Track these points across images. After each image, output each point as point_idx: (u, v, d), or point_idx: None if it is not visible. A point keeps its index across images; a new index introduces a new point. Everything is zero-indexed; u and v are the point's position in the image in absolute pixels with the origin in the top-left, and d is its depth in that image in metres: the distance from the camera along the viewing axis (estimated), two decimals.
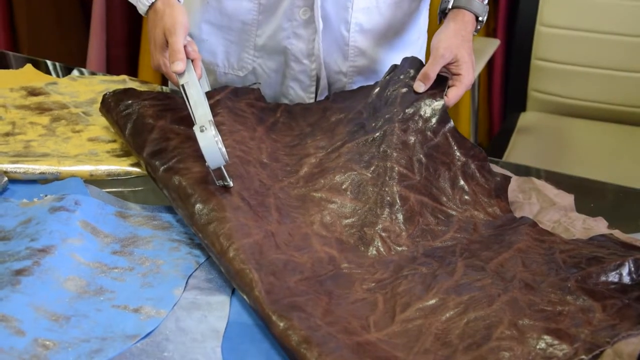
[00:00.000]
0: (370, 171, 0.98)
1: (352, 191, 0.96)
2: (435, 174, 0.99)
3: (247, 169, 0.96)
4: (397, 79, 1.07)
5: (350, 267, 0.86)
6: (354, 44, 1.18)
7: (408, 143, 1.00)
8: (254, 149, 1.01)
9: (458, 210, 0.97)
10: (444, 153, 1.01)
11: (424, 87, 1.04)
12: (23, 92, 1.23)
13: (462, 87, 1.05)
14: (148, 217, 0.95)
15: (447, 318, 0.78)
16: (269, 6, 1.15)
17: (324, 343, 0.71)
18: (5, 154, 1.03)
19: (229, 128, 1.02)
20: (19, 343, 0.70)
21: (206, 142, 0.88)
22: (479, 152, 1.02)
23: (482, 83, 2.43)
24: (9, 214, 0.92)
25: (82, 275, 0.82)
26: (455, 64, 1.05)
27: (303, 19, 1.14)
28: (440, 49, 1.04)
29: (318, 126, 1.08)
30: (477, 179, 1.00)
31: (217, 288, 0.82)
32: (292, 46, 1.17)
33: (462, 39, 1.06)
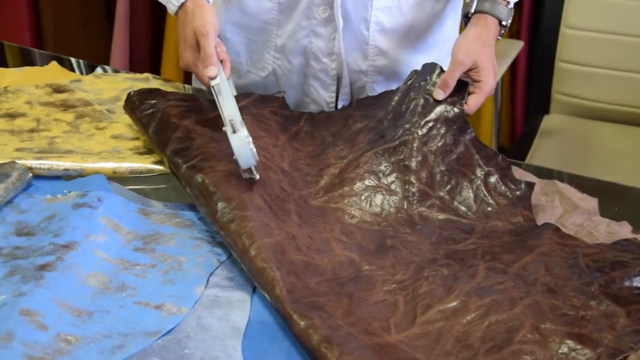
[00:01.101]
0: (390, 185, 0.98)
1: (371, 205, 0.96)
2: (457, 188, 0.99)
3: (269, 175, 0.96)
4: (417, 86, 1.06)
5: (371, 268, 0.86)
6: (374, 43, 1.17)
7: (428, 156, 0.99)
8: (276, 156, 1.01)
9: (482, 223, 0.96)
10: (465, 165, 1.00)
11: (443, 95, 1.03)
12: (48, 89, 1.24)
13: (482, 95, 1.04)
14: (170, 215, 0.95)
15: (468, 321, 0.77)
16: (288, 5, 1.15)
17: (344, 343, 0.71)
18: (30, 150, 1.04)
19: (253, 134, 1.01)
20: (42, 337, 0.70)
21: (239, 142, 0.89)
22: (501, 161, 1.01)
23: (505, 85, 2.42)
24: (33, 209, 0.92)
25: (104, 272, 0.82)
26: (475, 71, 1.04)
27: (322, 17, 1.14)
28: (460, 55, 1.03)
29: (340, 135, 1.08)
30: (499, 189, 0.99)
31: (238, 286, 0.83)
32: (312, 45, 1.17)
33: (482, 44, 1.04)
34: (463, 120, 1.02)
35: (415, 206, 0.96)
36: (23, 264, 0.81)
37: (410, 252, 0.89)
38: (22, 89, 1.22)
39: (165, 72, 2.40)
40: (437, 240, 0.92)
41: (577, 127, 2.05)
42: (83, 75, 1.33)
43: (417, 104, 1.04)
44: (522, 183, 0.99)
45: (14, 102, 1.18)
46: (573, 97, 2.06)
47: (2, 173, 0.93)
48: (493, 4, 1.06)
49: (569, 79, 2.04)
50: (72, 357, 0.69)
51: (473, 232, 0.93)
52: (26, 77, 1.29)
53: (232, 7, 1.20)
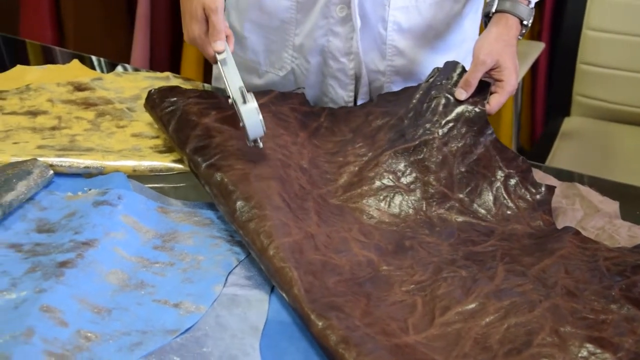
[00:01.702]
0: (409, 186, 0.98)
1: (389, 205, 0.96)
2: (476, 190, 0.98)
3: (288, 172, 0.96)
4: (439, 85, 1.06)
5: (389, 269, 0.86)
6: (392, 43, 1.17)
7: (448, 157, 0.99)
8: (295, 153, 1.01)
9: (501, 226, 0.95)
10: (485, 166, 1.00)
11: (465, 95, 1.03)
12: (69, 87, 1.25)
13: (504, 94, 1.04)
14: (189, 213, 0.95)
15: (487, 323, 0.77)
16: (306, 4, 1.15)
17: (362, 344, 0.71)
18: (51, 147, 1.05)
19: (272, 132, 1.02)
20: (62, 334, 0.70)
21: (249, 112, 0.92)
22: (521, 163, 1.00)
23: (525, 87, 2.40)
24: (54, 206, 0.93)
25: (124, 269, 0.83)
26: (497, 70, 1.04)
27: (340, 16, 1.14)
28: (481, 55, 1.03)
29: (359, 132, 1.08)
30: (519, 192, 0.99)
31: (256, 285, 0.83)
32: (330, 44, 1.17)
33: (504, 44, 1.04)
34: (484, 120, 1.02)
35: (434, 208, 0.96)
36: (44, 260, 0.81)
37: (428, 253, 0.89)
38: (44, 87, 1.23)
39: (185, 71, 2.41)
40: (456, 241, 0.91)
41: (598, 129, 2.03)
42: (104, 74, 1.34)
43: (438, 103, 1.03)
44: (542, 186, 0.99)
45: (36, 100, 1.19)
46: (594, 99, 2.05)
47: (23, 170, 0.94)
48: (514, 4, 1.05)
49: (590, 81, 2.03)
50: (91, 354, 0.70)
51: (492, 235, 0.93)
52: (48, 75, 1.30)
53: (250, 5, 1.20)
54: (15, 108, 1.17)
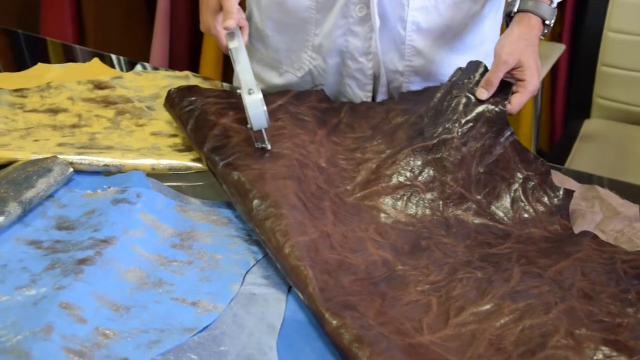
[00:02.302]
0: (427, 185, 0.97)
1: (406, 204, 0.96)
2: (494, 192, 0.98)
3: (305, 172, 0.97)
4: (460, 84, 1.06)
5: (404, 269, 0.86)
6: (411, 43, 1.17)
7: (466, 157, 0.99)
8: (313, 152, 1.02)
9: (518, 229, 0.95)
10: (503, 168, 0.99)
11: (486, 94, 1.03)
12: (90, 85, 1.26)
13: (526, 94, 1.04)
14: (207, 212, 0.96)
15: (501, 324, 0.77)
16: (325, 3, 1.15)
17: (375, 343, 0.71)
18: (71, 145, 1.06)
19: (289, 132, 1.02)
20: (81, 331, 0.71)
21: (253, 104, 0.94)
22: (540, 165, 1.00)
23: (545, 88, 2.39)
24: (74, 204, 0.94)
25: (142, 267, 0.83)
26: (519, 70, 1.03)
27: (359, 16, 1.14)
28: (503, 54, 1.02)
29: (379, 129, 1.08)
30: (538, 196, 0.98)
31: (273, 285, 0.83)
32: (349, 44, 1.17)
33: (526, 44, 1.04)
34: (504, 121, 1.01)
35: (451, 208, 0.96)
36: (63, 257, 0.82)
37: (444, 254, 0.89)
38: (64, 85, 1.24)
39: (203, 70, 2.42)
40: (472, 243, 0.91)
41: (619, 132, 2.02)
42: (124, 72, 1.35)
43: (458, 102, 1.03)
44: (560, 190, 0.98)
45: (57, 98, 1.20)
46: (615, 101, 2.03)
47: (44, 167, 0.95)
48: (536, 3, 1.05)
49: (611, 83, 2.02)
50: (109, 351, 0.70)
51: (509, 238, 0.93)
52: (69, 73, 1.32)
53: (272, 3, 1.20)
54: (36, 106, 1.18)
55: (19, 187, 0.90)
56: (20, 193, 0.89)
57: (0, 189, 0.89)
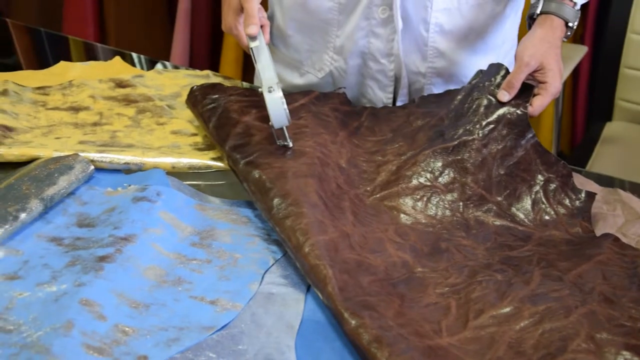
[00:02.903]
0: (447, 186, 0.97)
1: (426, 205, 0.96)
2: (515, 194, 0.97)
3: (326, 171, 0.96)
4: (481, 86, 1.05)
5: (424, 270, 0.86)
6: (433, 44, 1.17)
7: (487, 159, 0.98)
8: (334, 152, 1.02)
9: (539, 231, 0.94)
10: (524, 170, 0.99)
11: (508, 97, 1.02)
12: (111, 84, 1.26)
13: (547, 96, 1.03)
14: (227, 211, 0.96)
15: (521, 327, 0.76)
16: (348, 5, 1.15)
17: (394, 343, 0.71)
18: (92, 143, 1.06)
19: (312, 130, 1.03)
20: (100, 327, 0.72)
21: (273, 102, 0.95)
22: (562, 168, 0.99)
23: (567, 91, 2.38)
24: (94, 201, 0.94)
25: (161, 265, 0.84)
26: (541, 72, 1.03)
27: (382, 17, 1.14)
28: (525, 56, 1.02)
29: (399, 132, 1.08)
30: (559, 198, 0.97)
31: (292, 284, 0.83)
32: (371, 45, 1.17)
33: (549, 46, 1.03)
34: (525, 123, 1.01)
35: (471, 210, 0.96)
36: (83, 254, 0.82)
37: (464, 257, 0.88)
38: (86, 83, 1.25)
39: (224, 70, 2.42)
40: (492, 245, 0.91)
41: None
42: (145, 71, 1.35)
43: (479, 104, 1.03)
44: (582, 193, 0.97)
45: (78, 96, 1.21)
46: (637, 104, 2.02)
47: (65, 165, 0.95)
48: (559, 5, 1.04)
49: (633, 85, 2.00)
50: (128, 348, 0.71)
51: (529, 240, 0.92)
52: (90, 72, 1.32)
53: (294, 4, 1.20)
54: (58, 104, 1.19)
55: (40, 184, 0.91)
56: (42, 190, 0.90)
57: (23, 186, 0.90)
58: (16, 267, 0.81)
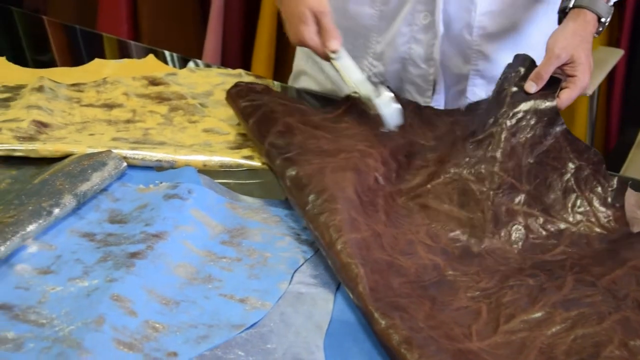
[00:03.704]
0: (477, 178, 0.96)
1: (457, 200, 0.95)
2: (545, 183, 0.96)
3: (367, 162, 0.96)
4: (508, 78, 1.04)
5: (455, 274, 0.85)
6: (477, 47, 1.16)
7: (516, 147, 0.97)
8: (376, 143, 1.01)
9: (570, 222, 0.93)
10: (555, 158, 0.98)
11: (535, 88, 1.01)
12: (144, 82, 1.27)
13: (576, 90, 1.01)
14: (257, 210, 0.96)
15: (553, 333, 0.75)
16: (389, 12, 1.15)
17: (425, 345, 0.71)
18: (125, 140, 1.07)
19: (353, 131, 1.03)
20: (131, 323, 0.72)
21: (385, 103, 1.02)
22: (593, 155, 0.98)
23: (601, 94, 2.35)
24: (126, 198, 0.95)
25: (192, 263, 0.84)
26: (570, 65, 1.01)
27: (423, 23, 1.14)
28: (556, 48, 1.00)
29: (442, 141, 1.07)
30: (591, 185, 0.96)
31: (322, 284, 0.83)
32: (411, 51, 1.16)
33: (580, 40, 1.02)
34: (554, 112, 0.99)
35: (501, 199, 0.94)
36: (115, 250, 0.83)
37: (495, 261, 0.87)
38: (120, 81, 1.26)
39: (255, 69, 2.43)
40: (524, 247, 0.90)
41: None
42: (178, 69, 1.36)
43: (507, 94, 1.01)
44: (614, 180, 0.96)
45: (112, 93, 1.22)
46: None
47: (98, 161, 0.96)
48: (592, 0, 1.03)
49: None
50: (158, 344, 0.71)
51: (561, 237, 0.91)
52: (124, 69, 1.34)
53: (335, 9, 1.20)
54: (92, 100, 1.20)
55: (74, 180, 0.91)
56: (75, 186, 0.91)
57: (57, 182, 0.91)
58: (49, 261, 0.82)
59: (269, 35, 2.39)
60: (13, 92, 1.20)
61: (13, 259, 0.81)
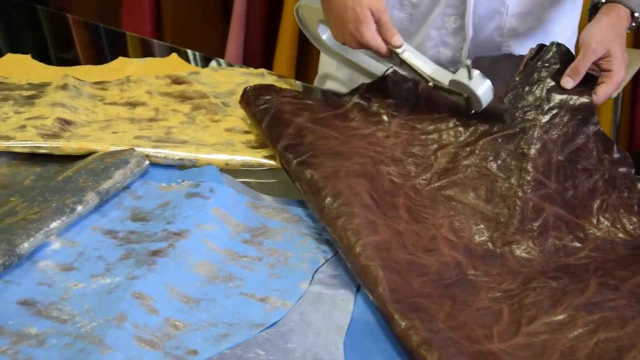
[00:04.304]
0: (505, 172, 0.96)
1: (484, 194, 0.95)
2: (574, 182, 0.95)
3: (379, 169, 0.96)
4: (541, 68, 1.03)
5: (476, 274, 0.85)
6: (507, 49, 1.16)
7: (548, 144, 0.96)
8: (388, 147, 1.01)
9: (595, 226, 0.93)
10: (586, 158, 0.97)
11: (572, 83, 1.00)
12: (167, 80, 1.28)
13: (612, 84, 1.00)
14: (278, 210, 0.96)
15: (575, 336, 0.75)
16: (419, 15, 1.14)
17: (444, 347, 0.70)
18: (148, 138, 1.08)
19: (363, 131, 1.03)
20: (152, 321, 0.72)
21: (477, 81, 0.99)
22: (624, 159, 0.97)
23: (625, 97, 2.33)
24: (149, 196, 0.95)
25: (213, 261, 0.84)
26: (606, 59, 1.00)
27: (453, 27, 1.13)
28: (592, 43, 0.99)
29: (456, 110, 1.05)
30: (619, 189, 0.95)
31: (342, 285, 0.83)
32: (440, 54, 1.16)
33: (615, 34, 1.01)
34: (589, 110, 0.98)
35: (528, 195, 0.93)
36: (137, 248, 0.84)
37: (518, 263, 0.87)
38: (143, 79, 1.26)
39: (277, 69, 2.43)
40: (548, 249, 0.89)
41: None
42: (201, 68, 1.36)
43: (542, 88, 1.00)
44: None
45: (135, 92, 1.23)
46: None
47: (121, 159, 0.97)
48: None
49: None
50: (179, 342, 0.71)
51: (586, 241, 0.90)
52: (148, 68, 1.34)
53: None
54: (116, 99, 1.21)
55: (97, 177, 0.92)
56: (98, 183, 0.91)
57: (80, 179, 0.91)
58: (72, 258, 0.82)
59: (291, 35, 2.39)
60: (38, 90, 1.21)
61: (36, 256, 0.82)
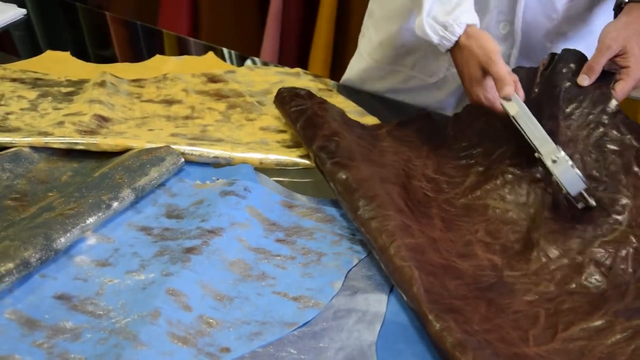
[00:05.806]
0: (534, 170, 0.95)
1: (516, 193, 0.94)
2: (605, 166, 0.94)
3: (412, 183, 0.96)
4: (559, 73, 1.02)
5: (513, 275, 0.84)
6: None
7: (573, 139, 0.96)
8: (419, 165, 1.01)
9: (630, 198, 0.90)
10: (613, 141, 0.96)
11: (588, 81, 0.99)
12: (203, 79, 1.28)
13: (630, 81, 0.98)
14: (312, 209, 0.96)
15: (612, 342, 0.74)
16: None
17: (479, 349, 0.70)
18: (183, 136, 1.08)
19: (394, 150, 1.02)
20: (186, 317, 0.73)
21: (565, 172, 0.89)
22: None
23: None
24: (183, 193, 0.96)
25: (246, 259, 0.84)
26: (623, 56, 0.98)
27: (502, 33, 1.13)
28: (607, 39, 0.98)
29: (485, 134, 1.05)
30: None
31: (375, 285, 0.82)
32: None
33: (633, 32, 0.99)
34: (609, 98, 0.97)
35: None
36: (171, 245, 0.84)
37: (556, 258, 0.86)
38: (179, 77, 1.27)
39: (312, 68, 2.43)
40: (587, 234, 0.87)
41: None
42: (237, 67, 1.37)
43: (560, 89, 1.00)
44: None
45: (172, 89, 1.23)
46: None
47: (157, 157, 0.97)
48: None
49: None
50: (212, 340, 0.72)
51: (622, 213, 0.89)
52: (184, 66, 1.35)
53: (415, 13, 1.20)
54: (152, 96, 1.22)
55: (133, 174, 0.93)
56: (134, 180, 0.92)
57: (116, 175, 0.92)
58: (107, 254, 0.83)
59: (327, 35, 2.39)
60: (76, 87, 1.23)
61: (73, 251, 0.83)
